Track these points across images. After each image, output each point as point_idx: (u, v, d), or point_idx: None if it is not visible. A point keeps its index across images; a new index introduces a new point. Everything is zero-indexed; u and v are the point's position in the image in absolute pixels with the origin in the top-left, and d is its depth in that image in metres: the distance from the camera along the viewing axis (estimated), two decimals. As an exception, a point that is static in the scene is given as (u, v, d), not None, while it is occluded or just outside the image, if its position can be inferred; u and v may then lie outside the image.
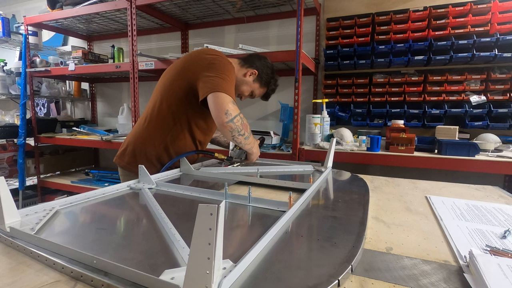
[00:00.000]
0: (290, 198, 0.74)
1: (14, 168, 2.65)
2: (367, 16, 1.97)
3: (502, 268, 0.47)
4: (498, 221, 0.72)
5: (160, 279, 0.41)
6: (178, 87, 1.19)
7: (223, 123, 1.08)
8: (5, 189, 0.59)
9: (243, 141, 1.17)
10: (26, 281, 0.45)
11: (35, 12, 2.66)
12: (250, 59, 1.35)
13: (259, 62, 1.34)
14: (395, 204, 0.89)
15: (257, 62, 1.34)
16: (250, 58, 1.35)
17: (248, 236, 0.63)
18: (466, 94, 1.83)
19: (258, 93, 1.40)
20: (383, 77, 1.99)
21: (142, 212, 0.76)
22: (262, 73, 1.34)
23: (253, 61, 1.34)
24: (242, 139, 1.16)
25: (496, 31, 1.71)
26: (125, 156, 1.27)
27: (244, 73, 1.32)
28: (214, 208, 0.36)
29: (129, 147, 1.26)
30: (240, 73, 1.32)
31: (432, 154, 1.54)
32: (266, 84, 1.38)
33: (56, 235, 0.61)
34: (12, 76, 2.85)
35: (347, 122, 2.10)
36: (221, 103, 1.07)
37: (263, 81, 1.36)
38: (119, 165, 1.29)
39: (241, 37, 2.50)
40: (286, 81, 2.30)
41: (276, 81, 1.42)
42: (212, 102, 1.08)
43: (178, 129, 1.22)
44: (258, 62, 1.34)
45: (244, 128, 1.14)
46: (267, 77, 1.36)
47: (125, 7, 2.09)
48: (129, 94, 3.00)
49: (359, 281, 0.47)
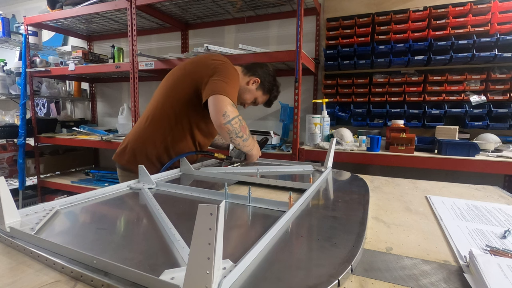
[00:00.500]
0: (290, 198, 0.74)
1: (14, 168, 2.65)
2: (367, 16, 1.97)
3: (502, 268, 0.47)
4: (498, 221, 0.72)
5: (160, 279, 0.41)
6: (183, 89, 1.21)
7: (221, 124, 1.09)
8: (5, 189, 0.59)
9: (241, 143, 1.18)
10: (26, 281, 0.45)
11: (35, 12, 2.66)
12: (253, 67, 1.38)
13: (261, 70, 1.38)
14: (395, 204, 0.89)
15: (259, 70, 1.37)
16: (253, 66, 1.38)
17: (248, 236, 0.63)
18: (466, 94, 1.83)
19: (261, 100, 1.43)
20: (383, 77, 1.99)
21: (142, 212, 0.76)
22: (264, 80, 1.37)
23: (255, 69, 1.37)
24: (240, 141, 1.16)
25: (496, 31, 1.71)
26: (125, 155, 1.27)
27: (247, 81, 1.35)
28: (214, 208, 0.36)
29: (129, 146, 1.27)
30: (243, 81, 1.35)
31: (432, 154, 1.54)
32: (269, 91, 1.41)
33: (56, 235, 0.61)
34: (12, 76, 2.85)
35: (347, 122, 2.10)
36: (220, 105, 1.08)
37: (266, 88, 1.39)
38: (119, 163, 1.29)
39: (241, 37, 2.50)
40: (286, 81, 2.30)
41: (278, 87, 1.46)
42: (212, 104, 1.09)
43: (180, 130, 1.23)
44: (260, 70, 1.37)
45: (242, 130, 1.15)
46: (270, 85, 1.40)
47: (125, 7, 2.09)
48: (129, 94, 3.00)
49: (359, 281, 0.47)
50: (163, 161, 1.25)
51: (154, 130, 1.23)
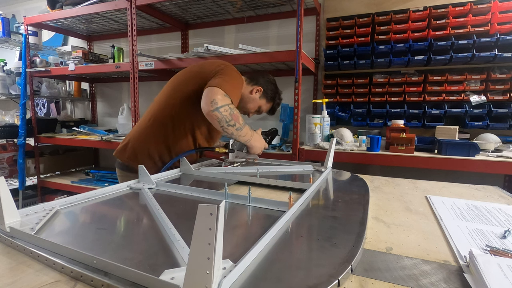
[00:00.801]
0: (290, 198, 0.74)
1: (14, 168, 2.65)
2: (367, 16, 1.97)
3: (502, 268, 0.47)
4: (498, 221, 0.72)
5: (160, 279, 0.41)
6: (186, 91, 1.23)
7: (209, 112, 1.10)
8: (5, 189, 0.59)
9: (235, 132, 1.17)
10: (26, 281, 0.44)
11: (35, 12, 2.66)
12: (255, 76, 1.43)
13: (263, 79, 1.42)
14: (395, 204, 0.89)
15: (261, 79, 1.42)
16: (255, 75, 1.43)
17: (248, 236, 0.63)
18: (466, 94, 1.83)
19: (265, 108, 1.47)
20: (383, 77, 1.99)
21: (142, 212, 0.76)
22: (267, 89, 1.42)
23: (257, 78, 1.42)
24: (233, 130, 1.16)
25: (496, 31, 1.71)
26: (126, 152, 1.28)
27: (250, 91, 1.39)
28: (214, 208, 0.36)
29: (131, 143, 1.28)
30: (246, 90, 1.39)
31: (432, 154, 1.54)
32: (272, 99, 1.46)
33: (56, 235, 0.61)
34: (12, 76, 2.85)
35: (347, 122, 2.10)
36: (210, 95, 1.10)
37: (269, 96, 1.44)
38: (119, 160, 1.30)
39: (241, 37, 2.50)
40: (286, 81, 2.30)
41: (280, 95, 1.50)
42: (204, 96, 1.12)
43: (181, 131, 1.25)
44: (262, 79, 1.42)
45: (234, 118, 1.14)
46: (272, 93, 1.45)
47: (125, 7, 2.09)
48: (129, 94, 2.99)
49: (359, 281, 0.47)
50: (164, 159, 1.26)
51: (157, 130, 1.25)
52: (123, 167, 1.29)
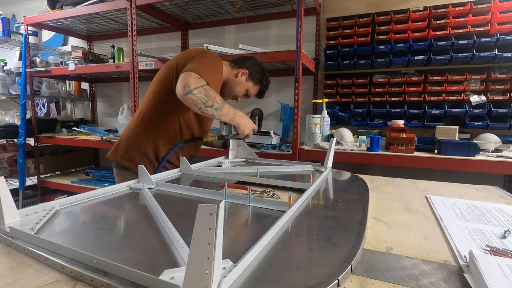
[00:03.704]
0: (290, 198, 0.74)
1: (14, 168, 2.65)
2: (367, 16, 1.97)
3: (502, 268, 0.47)
4: (498, 221, 0.72)
5: (160, 279, 0.41)
6: (168, 82, 1.22)
7: (182, 95, 1.09)
8: (5, 189, 0.59)
9: (215, 113, 1.15)
10: (26, 281, 0.44)
11: (35, 12, 2.66)
12: (239, 60, 1.39)
13: (248, 61, 1.39)
14: (395, 204, 0.89)
15: (246, 62, 1.38)
16: (239, 59, 1.40)
17: (248, 236, 0.63)
18: (466, 94, 1.83)
19: (253, 91, 1.43)
20: (383, 77, 1.99)
21: (142, 212, 0.76)
22: (253, 71, 1.38)
23: (242, 61, 1.38)
24: (213, 111, 1.14)
25: (496, 31, 1.71)
26: (118, 151, 1.29)
27: (235, 74, 1.35)
28: (214, 208, 0.36)
29: (123, 143, 1.29)
30: (231, 74, 1.35)
31: (432, 154, 1.54)
32: (259, 81, 1.41)
33: (56, 235, 0.61)
34: (12, 76, 2.85)
35: (347, 122, 2.10)
36: (183, 79, 1.09)
37: (256, 79, 1.39)
38: (113, 160, 1.31)
39: (241, 37, 2.50)
40: (286, 81, 2.30)
41: (268, 77, 1.45)
42: (178, 82, 1.11)
43: (171, 123, 1.26)
44: (247, 62, 1.38)
45: (211, 98, 1.12)
46: (259, 75, 1.40)
47: (125, 7, 2.09)
48: (129, 94, 3.00)
49: (359, 281, 0.47)
50: (157, 155, 1.27)
51: (146, 125, 1.26)
52: (119, 166, 1.31)
